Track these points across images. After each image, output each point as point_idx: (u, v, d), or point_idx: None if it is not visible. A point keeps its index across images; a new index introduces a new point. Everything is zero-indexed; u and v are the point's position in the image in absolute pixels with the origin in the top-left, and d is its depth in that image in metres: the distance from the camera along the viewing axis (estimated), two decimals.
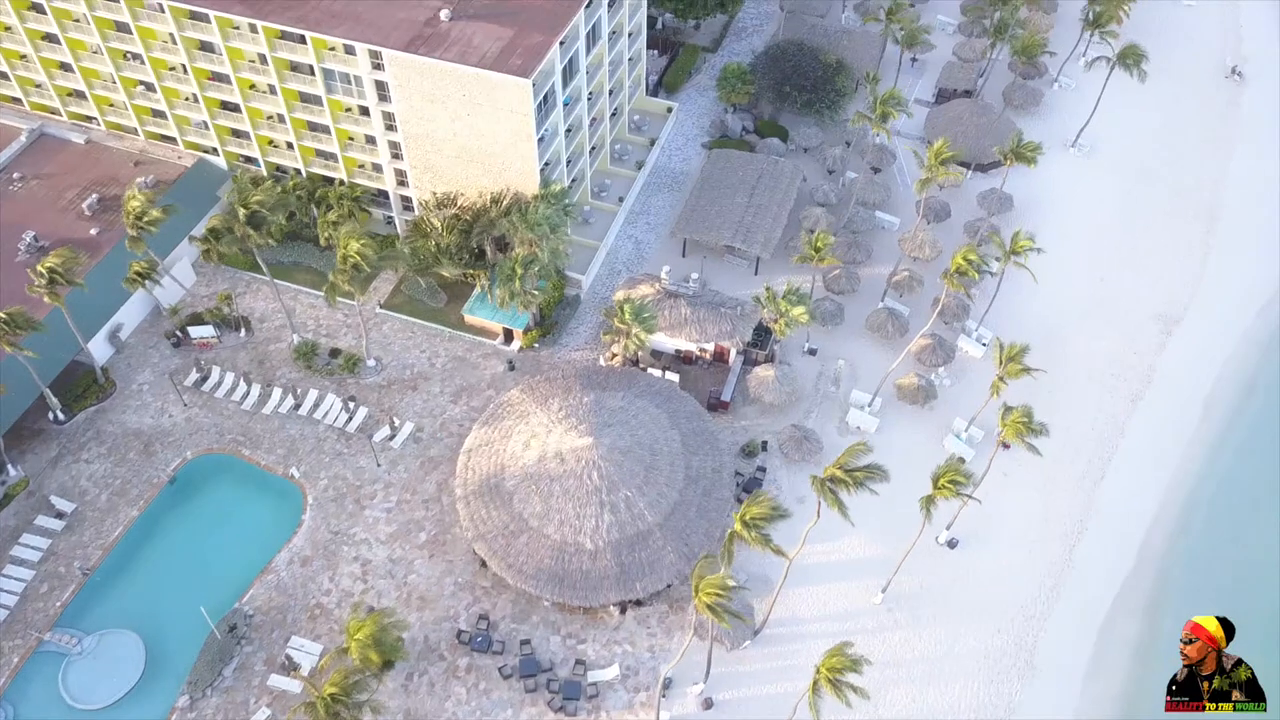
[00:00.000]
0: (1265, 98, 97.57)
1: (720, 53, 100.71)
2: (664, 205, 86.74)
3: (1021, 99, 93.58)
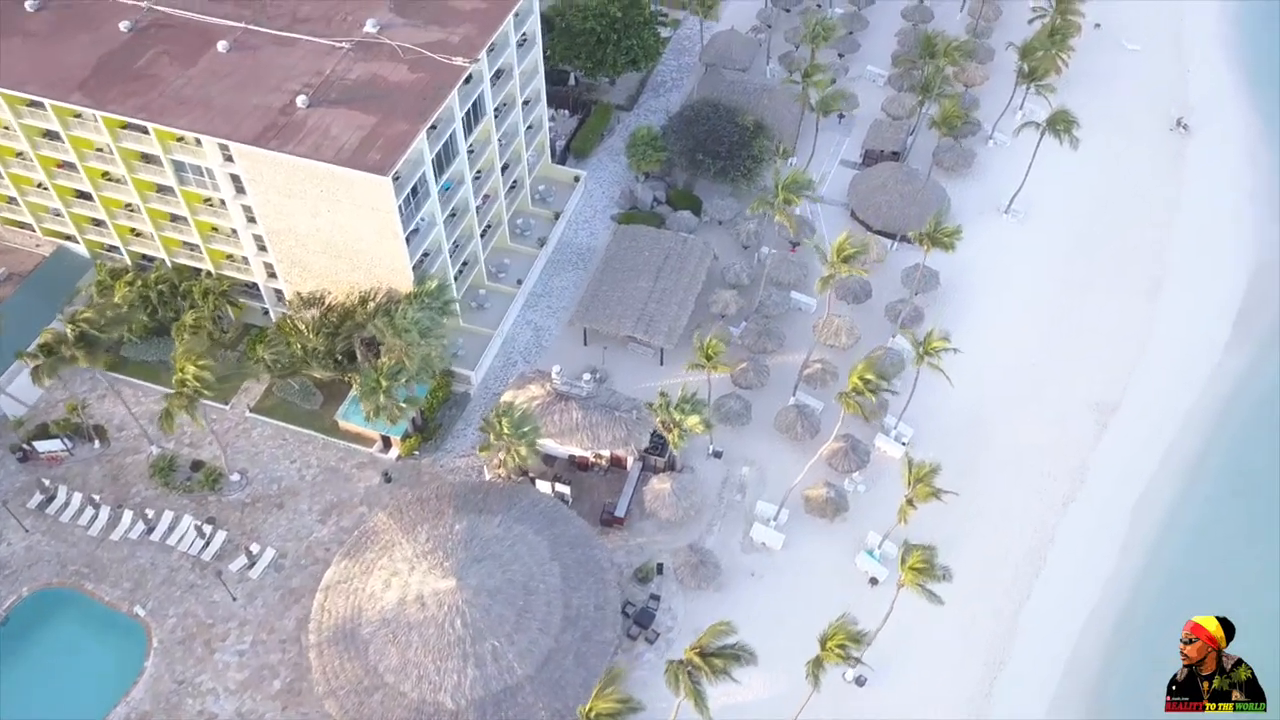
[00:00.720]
0: (1211, 151, 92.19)
1: (636, 111, 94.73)
2: (568, 286, 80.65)
3: (952, 160, 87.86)
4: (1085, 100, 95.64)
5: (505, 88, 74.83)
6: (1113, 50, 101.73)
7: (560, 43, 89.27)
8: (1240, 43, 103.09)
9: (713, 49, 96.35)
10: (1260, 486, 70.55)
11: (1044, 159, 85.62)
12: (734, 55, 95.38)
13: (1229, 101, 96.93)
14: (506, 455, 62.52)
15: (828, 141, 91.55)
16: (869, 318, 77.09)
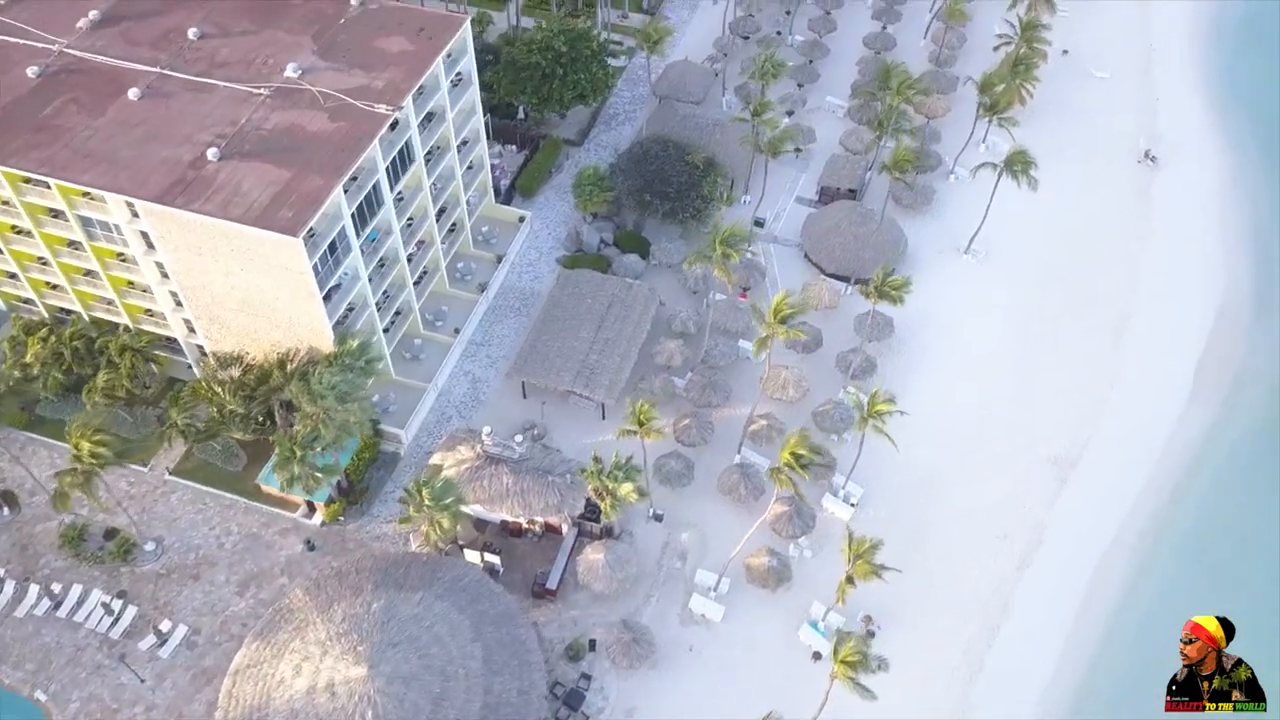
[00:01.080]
0: (1179, 185, 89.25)
1: (587, 145, 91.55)
2: (509, 333, 77.42)
3: (911, 198, 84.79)
4: (1051, 131, 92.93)
5: (438, 131, 71.62)
6: (1080, 78, 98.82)
7: (505, 77, 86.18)
8: (1211, 70, 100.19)
9: (665, 81, 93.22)
10: (1226, 548, 67.59)
11: (1006, 195, 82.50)
12: (688, 87, 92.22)
13: (1199, 131, 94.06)
14: (428, 528, 59.34)
15: (783, 177, 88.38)
16: (820, 367, 73.97)
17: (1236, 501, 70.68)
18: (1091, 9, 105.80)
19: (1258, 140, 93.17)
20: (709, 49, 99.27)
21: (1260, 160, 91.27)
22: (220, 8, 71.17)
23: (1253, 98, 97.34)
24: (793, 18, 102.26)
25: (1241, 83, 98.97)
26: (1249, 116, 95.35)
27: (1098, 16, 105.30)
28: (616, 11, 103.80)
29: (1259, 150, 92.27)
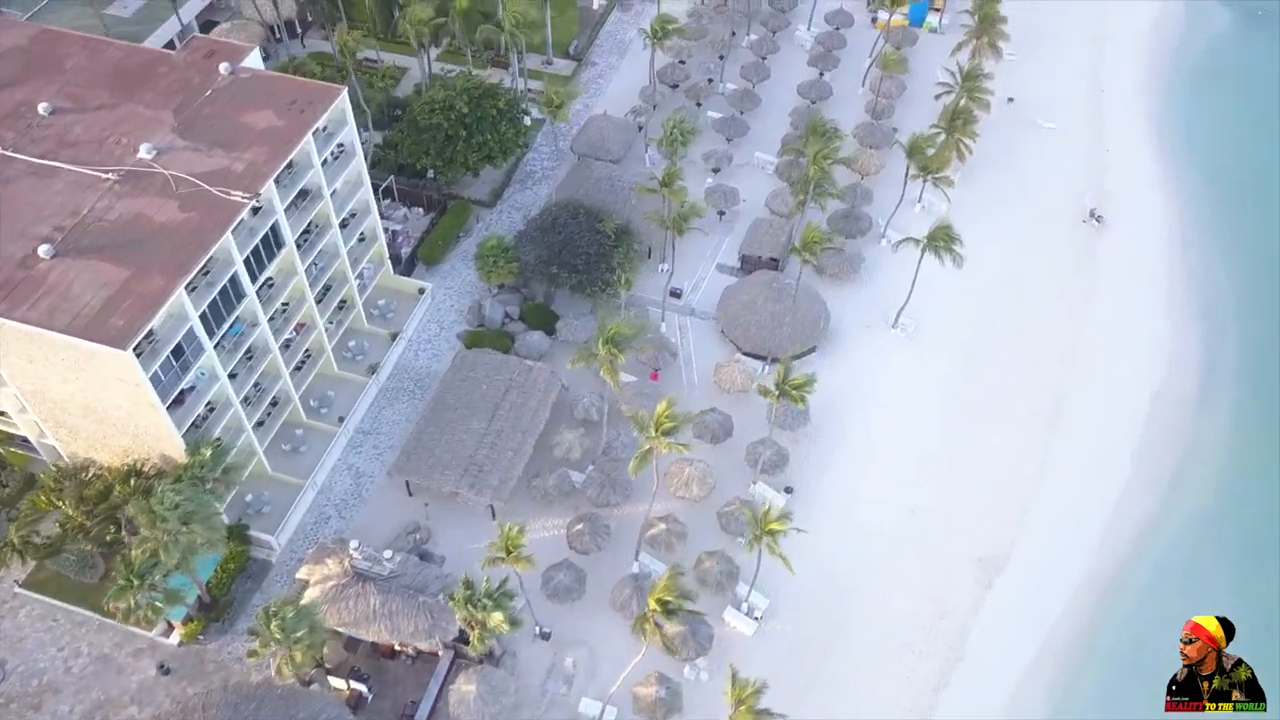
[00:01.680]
0: (1125, 249, 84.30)
1: (501, 207, 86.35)
2: (400, 419, 72.20)
3: (837, 266, 79.70)
4: (992, 187, 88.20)
5: (314, 209, 66.44)
6: (1026, 128, 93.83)
7: (408, 138, 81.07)
8: (1165, 120, 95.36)
9: (584, 138, 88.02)
10: (1162, 662, 62.37)
11: (939, 261, 77.89)
12: (606, 144, 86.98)
13: (1149, 188, 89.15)
14: (281, 662, 54.12)
15: (705, 241, 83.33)
16: (729, 459, 68.83)
17: (1177, 600, 65.76)
18: (1041, 54, 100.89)
19: (1212, 198, 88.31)
20: (635, 99, 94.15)
21: (1213, 222, 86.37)
22: (79, 78, 65.93)
23: (1207, 150, 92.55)
24: (724, 64, 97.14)
25: (1197, 134, 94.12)
26: (1202, 172, 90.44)
27: (1047, 62, 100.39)
28: (540, 57, 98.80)
29: (1212, 209, 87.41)
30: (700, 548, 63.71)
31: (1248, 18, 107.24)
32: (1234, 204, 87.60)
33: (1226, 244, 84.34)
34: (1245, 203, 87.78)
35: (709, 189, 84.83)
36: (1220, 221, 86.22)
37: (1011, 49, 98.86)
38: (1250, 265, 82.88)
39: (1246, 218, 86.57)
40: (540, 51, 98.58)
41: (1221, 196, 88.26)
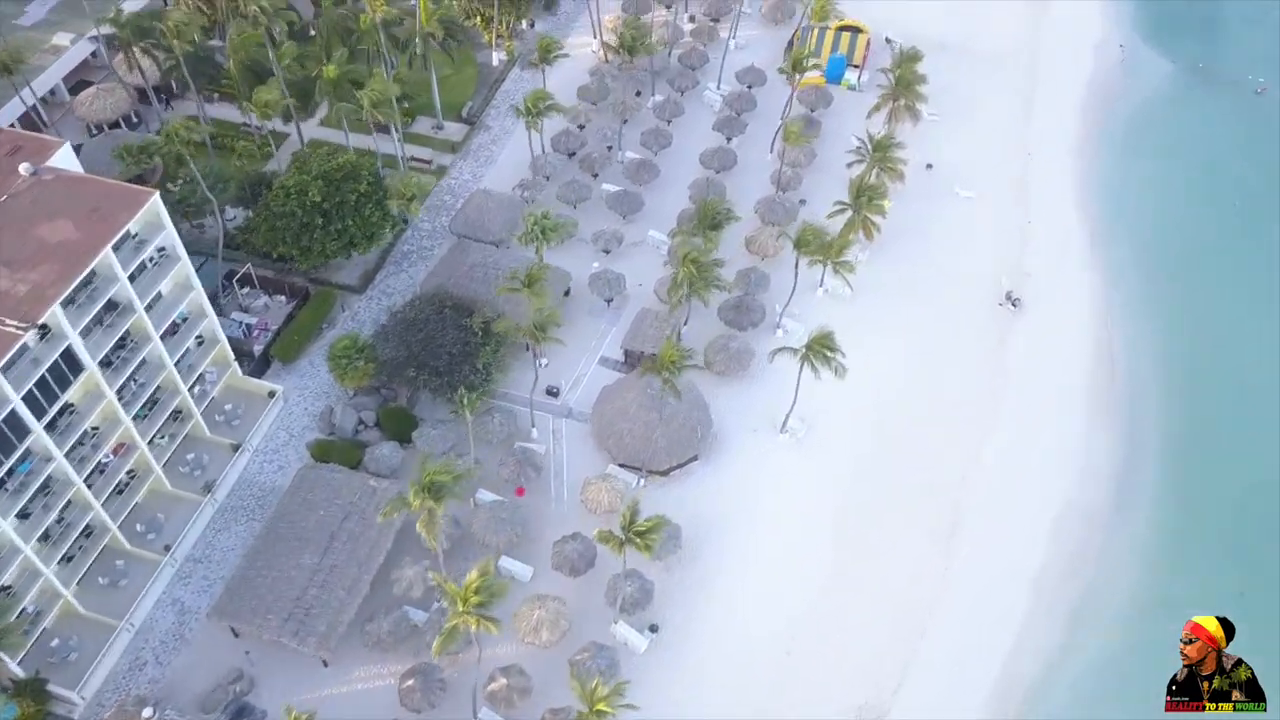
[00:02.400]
0: (1041, 337, 78.21)
1: (371, 293, 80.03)
2: (237, 545, 65.84)
3: (724, 363, 73.55)
4: (901, 265, 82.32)
5: (125, 324, 60.23)
6: (944, 198, 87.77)
7: (264, 224, 74.89)
8: (1094, 190, 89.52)
9: (463, 216, 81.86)
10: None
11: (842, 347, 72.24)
12: (487, 224, 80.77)
13: (1071, 268, 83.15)
14: None
15: (590, 330, 77.36)
16: (590, 594, 62.50)
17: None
18: (965, 114, 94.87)
19: (1139, 280, 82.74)
20: (524, 171, 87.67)
21: (1139, 308, 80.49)
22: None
23: (1138, 223, 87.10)
24: (627, 129, 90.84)
25: (1127, 204, 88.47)
26: (1130, 248, 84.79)
27: (972, 123, 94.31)
28: (430, 121, 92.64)
29: (1139, 293, 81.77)
30: (548, 703, 57.42)
31: (1189, 72, 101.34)
32: (1163, 287, 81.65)
33: (1152, 336, 78.17)
34: (1175, 286, 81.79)
35: (594, 274, 78.65)
36: (1147, 308, 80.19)
37: (934, 108, 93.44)
38: (1177, 360, 76.68)
39: (1175, 304, 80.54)
40: (430, 114, 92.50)
41: (1149, 278, 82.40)
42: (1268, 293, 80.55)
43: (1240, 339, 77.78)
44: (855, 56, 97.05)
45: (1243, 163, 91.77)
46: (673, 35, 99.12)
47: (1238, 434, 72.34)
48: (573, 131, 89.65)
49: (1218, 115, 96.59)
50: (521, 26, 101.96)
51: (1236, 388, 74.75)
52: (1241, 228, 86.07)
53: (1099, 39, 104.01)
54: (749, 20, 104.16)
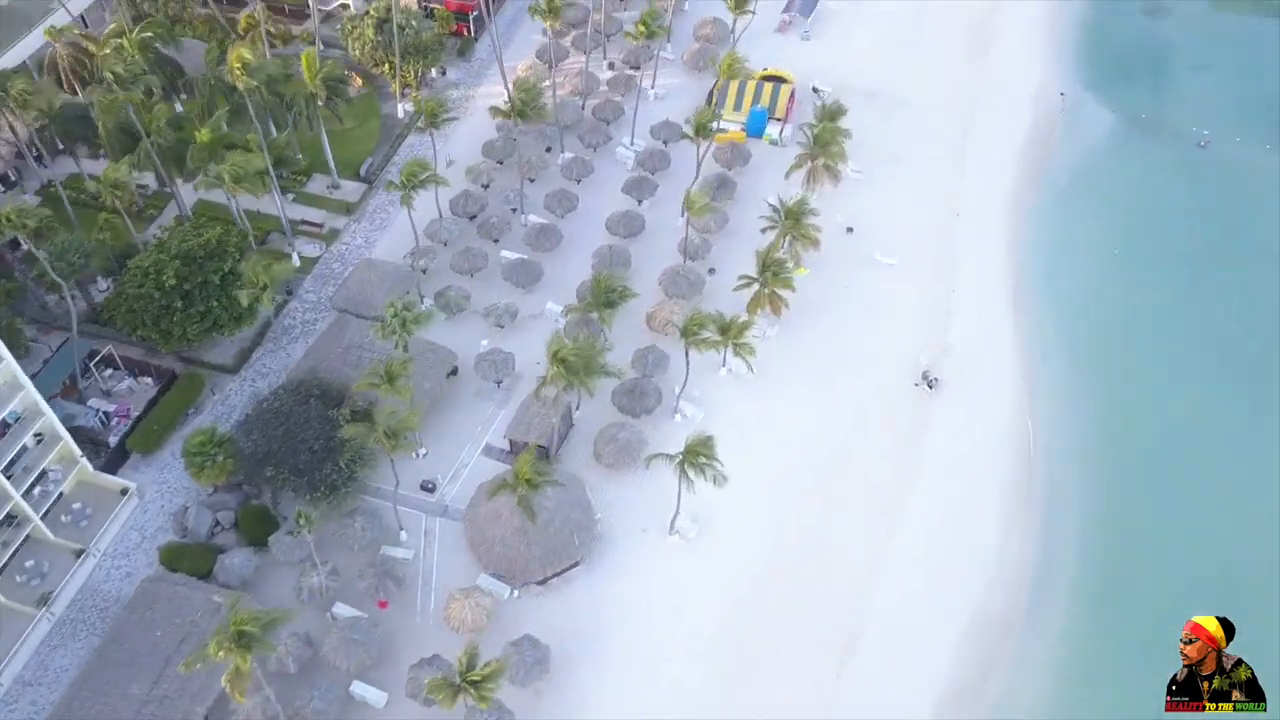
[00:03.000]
0: (958, 422, 73.17)
1: (245, 374, 74.95)
2: (75, 664, 60.63)
3: (614, 455, 68.53)
4: (811, 341, 77.96)
5: None
6: (863, 264, 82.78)
7: (122, 305, 69.88)
8: (1025, 255, 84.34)
9: (346, 290, 76.94)
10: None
11: (735, 440, 67.57)
12: (371, 298, 75.71)
13: (996, 344, 77.96)
14: None
15: (476, 415, 72.43)
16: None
17: None
18: (892, 172, 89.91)
19: (1068, 357, 77.11)
20: (421, 237, 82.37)
21: (1066, 390, 74.92)
22: None
23: (1068, 292, 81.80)
24: (524, 193, 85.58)
25: (1060, 272, 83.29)
26: (1059, 321, 79.48)
27: (900, 181, 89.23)
28: (326, 180, 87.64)
29: (1067, 373, 76.15)
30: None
31: (1131, 123, 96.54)
32: (1090, 369, 76.27)
33: (1076, 424, 72.96)
34: (1103, 367, 76.37)
35: (482, 354, 73.65)
36: (1072, 392, 74.82)
37: (859, 165, 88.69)
38: (1101, 453, 71.49)
39: (1102, 388, 75.11)
40: (326, 172, 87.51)
41: (1077, 357, 77.06)
42: (1202, 374, 75.63)
43: (1171, 428, 72.77)
44: (778, 109, 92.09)
45: (1184, 224, 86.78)
46: (587, 85, 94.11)
47: (1162, 534, 67.34)
48: (473, 193, 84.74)
49: (1159, 170, 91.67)
50: (431, 75, 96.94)
51: (1163, 484, 69.68)
52: (1178, 298, 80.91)
53: (1038, 87, 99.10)
54: (671, 68, 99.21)
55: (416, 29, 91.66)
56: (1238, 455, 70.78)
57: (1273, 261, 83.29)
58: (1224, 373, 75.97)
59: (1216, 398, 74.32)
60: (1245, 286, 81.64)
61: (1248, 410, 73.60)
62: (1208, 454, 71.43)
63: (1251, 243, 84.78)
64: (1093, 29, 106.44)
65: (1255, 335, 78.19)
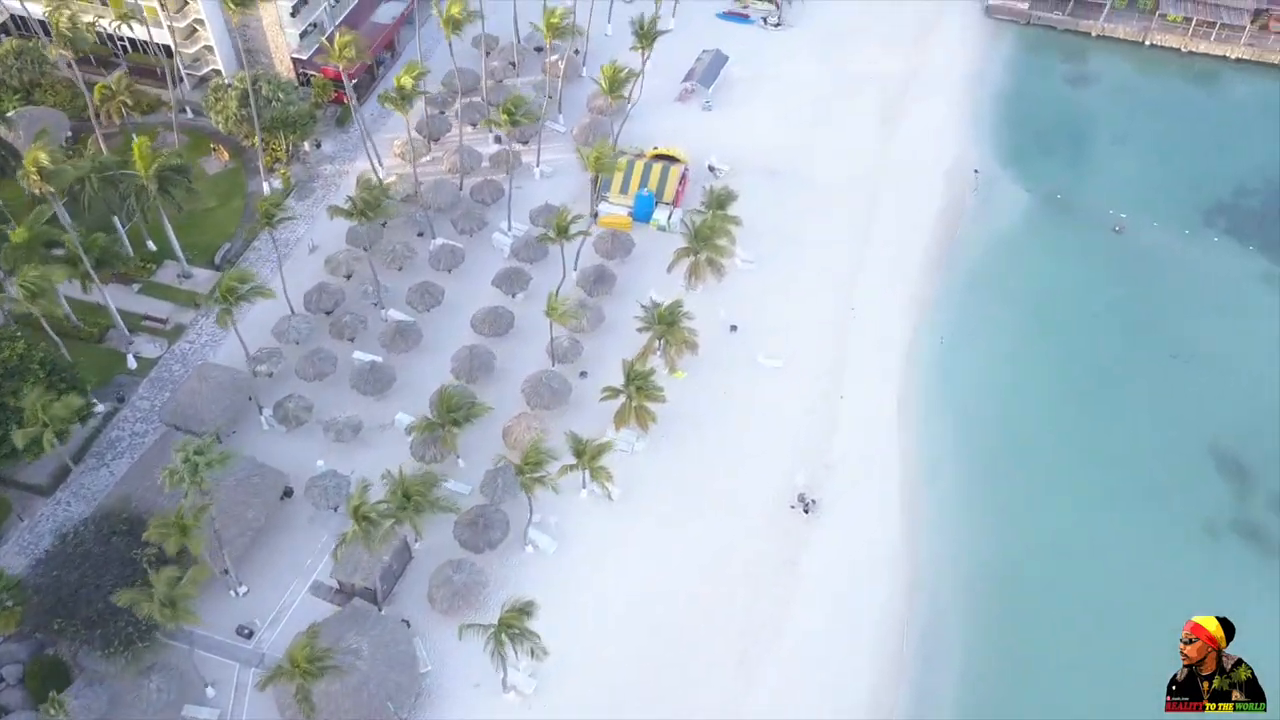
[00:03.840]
0: (834, 554, 67.42)
1: (60, 496, 68.32)
2: None
3: (447, 600, 62.36)
4: (685, 451, 72.65)
5: None
6: (746, 367, 77.08)
7: None
8: (922, 356, 78.81)
9: (175, 402, 70.58)
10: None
11: (590, 570, 62.22)
12: (202, 412, 69.37)
13: (879, 459, 72.35)
14: None
15: (306, 545, 66.19)
16: None
17: None
18: (786, 261, 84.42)
19: (957, 477, 71.46)
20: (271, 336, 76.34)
21: (951, 517, 69.28)
22: None
23: (964, 402, 76.12)
24: (383, 287, 79.18)
25: (955, 380, 77.57)
26: (954, 436, 73.78)
27: (792, 273, 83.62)
28: (175, 268, 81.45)
29: (955, 496, 70.53)
30: None
31: (1046, 203, 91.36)
32: (984, 490, 70.71)
33: (962, 558, 67.23)
34: (997, 489, 70.87)
35: (315, 477, 67.48)
36: (963, 516, 69.23)
37: (751, 254, 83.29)
38: (989, 591, 66.00)
39: (996, 512, 69.73)
40: (173, 258, 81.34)
41: (971, 475, 71.40)
42: (1105, 500, 70.17)
43: (1064, 560, 67.38)
44: (666, 193, 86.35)
45: (1093, 324, 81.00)
46: (466, 162, 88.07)
47: (1049, 687, 61.88)
48: (330, 285, 78.54)
49: (1071, 258, 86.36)
50: (304, 149, 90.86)
51: (1057, 626, 64.26)
52: (1082, 411, 75.33)
53: (952, 163, 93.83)
54: (561, 141, 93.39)
55: (284, 101, 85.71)
56: (1141, 591, 65.41)
57: (1184, 365, 78.23)
58: (1130, 497, 70.66)
59: (1120, 526, 68.97)
60: (1154, 397, 76.29)
61: (1152, 540, 68.29)
62: (1106, 588, 66.09)
63: (1160, 344, 79.57)
64: (1014, 99, 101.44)
65: (1163, 454, 72.99)
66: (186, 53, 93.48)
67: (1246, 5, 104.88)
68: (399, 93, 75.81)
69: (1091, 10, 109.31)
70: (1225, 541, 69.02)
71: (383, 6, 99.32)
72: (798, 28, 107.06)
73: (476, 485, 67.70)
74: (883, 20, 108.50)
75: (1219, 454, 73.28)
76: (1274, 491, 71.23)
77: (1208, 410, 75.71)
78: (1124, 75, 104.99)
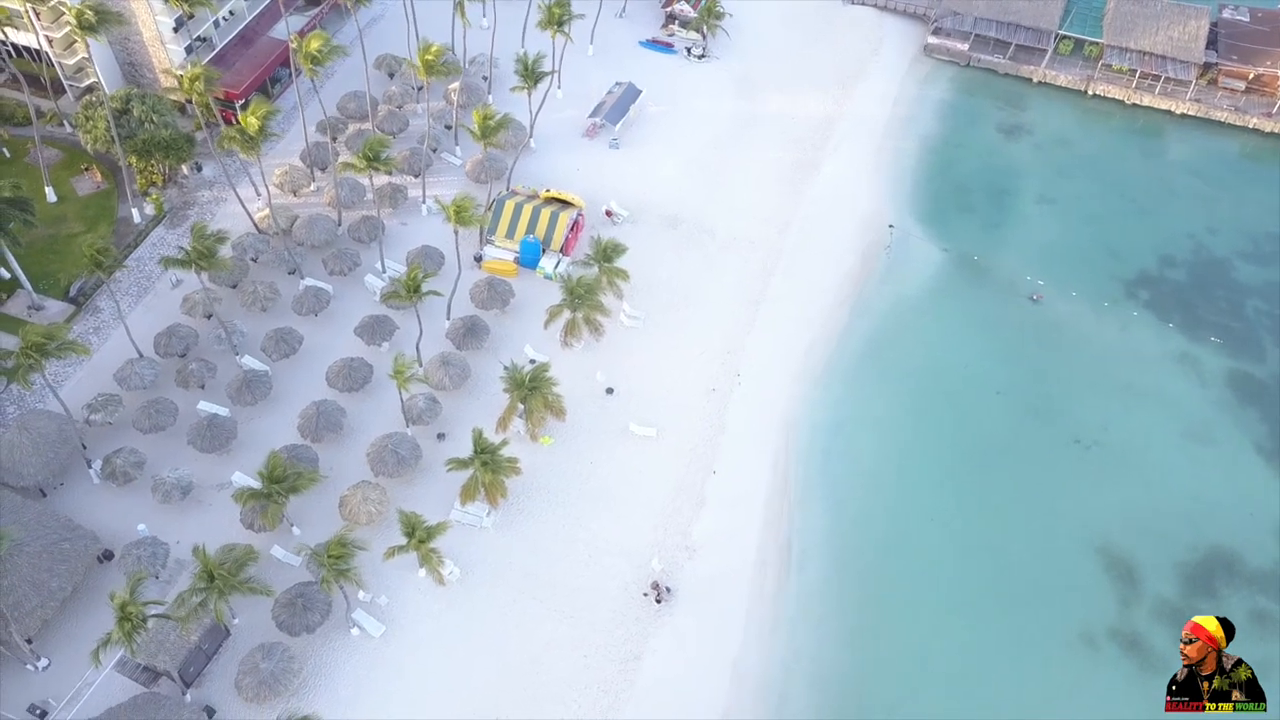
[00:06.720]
0: (684, 650, 62.99)
1: None
2: None
3: (254, 688, 57.70)
4: (540, 529, 68.13)
5: None
6: (617, 436, 72.57)
7: None
8: (800, 435, 74.07)
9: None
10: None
11: (418, 661, 58.15)
12: (21, 466, 64.71)
13: (745, 543, 67.97)
14: None
15: None
16: None
17: None
18: (675, 320, 79.97)
19: (819, 569, 67.07)
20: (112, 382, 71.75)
21: (820, 618, 64.71)
22: None
23: (844, 487, 71.49)
24: (239, 331, 74.49)
25: (834, 461, 72.80)
26: (828, 526, 69.12)
27: (679, 333, 78.98)
28: (26, 298, 76.89)
29: (819, 589, 66.18)
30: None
31: (961, 264, 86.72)
32: (856, 589, 66.29)
33: (830, 665, 62.93)
34: (871, 589, 66.40)
35: (132, 543, 63.06)
36: (830, 617, 64.96)
37: (638, 309, 78.96)
38: (840, 685, 62.02)
39: (867, 616, 65.24)
40: (41, 286, 76.84)
41: (843, 571, 67.02)
42: (990, 611, 65.67)
43: (935, 669, 63.09)
44: (554, 240, 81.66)
45: (995, 404, 76.48)
46: (346, 196, 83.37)
47: None
48: (181, 329, 73.87)
49: (980, 329, 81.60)
50: (183, 172, 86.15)
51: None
52: (975, 506, 70.56)
53: (866, 218, 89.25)
54: (455, 175, 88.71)
55: (157, 123, 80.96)
56: (1008, 704, 61.33)
57: (1085, 452, 73.79)
58: (1008, 597, 66.39)
59: (993, 630, 64.80)
60: (1048, 487, 71.87)
61: (1025, 647, 64.13)
62: (969, 700, 61.95)
63: (1064, 428, 75.14)
64: (942, 149, 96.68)
65: (1050, 552, 68.61)
66: (67, 63, 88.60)
67: (1194, 59, 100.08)
68: (240, 134, 71.00)
69: (1034, 55, 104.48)
70: (1104, 651, 64.83)
71: (284, 21, 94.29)
72: (723, 60, 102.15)
73: (309, 556, 63.32)
74: (814, 55, 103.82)
75: (1109, 554, 68.97)
76: (1161, 599, 66.97)
77: (1104, 504, 71.36)
78: (1061, 127, 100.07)
